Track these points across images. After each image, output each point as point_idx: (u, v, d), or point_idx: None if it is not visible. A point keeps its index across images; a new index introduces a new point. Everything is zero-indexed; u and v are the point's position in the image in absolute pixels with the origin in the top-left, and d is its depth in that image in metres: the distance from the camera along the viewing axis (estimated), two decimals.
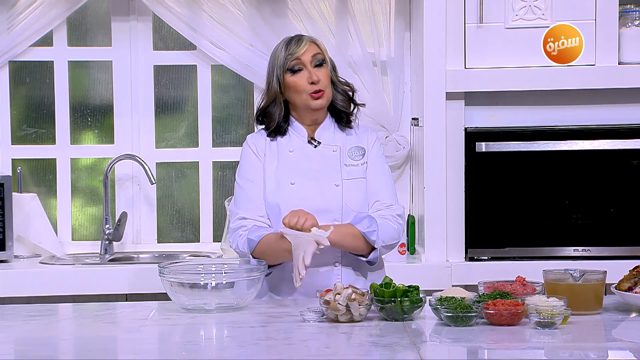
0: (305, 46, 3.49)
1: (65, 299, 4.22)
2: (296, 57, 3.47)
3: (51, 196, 4.84)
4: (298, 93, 3.49)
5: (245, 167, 3.56)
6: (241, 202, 3.51)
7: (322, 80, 3.48)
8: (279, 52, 3.51)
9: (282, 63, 3.49)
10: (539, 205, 4.39)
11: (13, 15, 4.67)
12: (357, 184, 3.51)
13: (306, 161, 3.52)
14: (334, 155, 3.54)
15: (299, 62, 3.48)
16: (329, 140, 3.56)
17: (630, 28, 4.40)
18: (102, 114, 4.87)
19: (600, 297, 3.19)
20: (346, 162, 3.54)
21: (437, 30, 4.37)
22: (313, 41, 3.52)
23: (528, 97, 4.43)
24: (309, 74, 3.47)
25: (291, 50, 3.48)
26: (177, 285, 3.22)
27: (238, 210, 3.50)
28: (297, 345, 2.83)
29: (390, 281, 3.13)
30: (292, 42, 3.51)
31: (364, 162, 3.55)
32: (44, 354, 2.81)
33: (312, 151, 3.55)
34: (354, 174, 3.53)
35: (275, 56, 3.53)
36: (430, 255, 4.40)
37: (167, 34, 4.85)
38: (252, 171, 3.53)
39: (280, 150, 3.54)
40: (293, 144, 3.55)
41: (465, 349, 2.83)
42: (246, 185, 3.52)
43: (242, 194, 3.52)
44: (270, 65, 3.54)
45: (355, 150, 3.56)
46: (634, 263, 3.44)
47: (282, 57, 3.49)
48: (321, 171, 3.51)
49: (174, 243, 4.88)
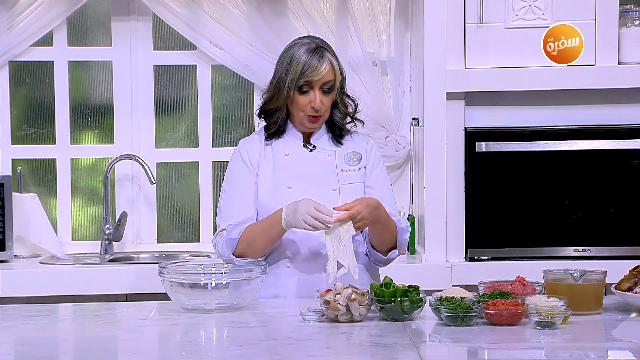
0: (323, 72, 3.42)
1: (65, 299, 4.22)
2: (310, 79, 3.43)
3: (51, 196, 4.84)
4: (297, 109, 3.48)
5: (233, 175, 3.53)
6: (224, 214, 3.50)
7: (324, 106, 3.47)
8: (299, 59, 3.43)
9: (296, 78, 3.43)
10: (538, 205, 4.39)
11: (13, 15, 4.67)
12: (354, 188, 3.50)
13: (303, 165, 3.51)
14: (330, 159, 3.53)
15: (309, 84, 3.45)
16: (324, 145, 3.56)
17: (630, 28, 4.40)
18: (102, 114, 4.87)
19: (600, 297, 3.19)
20: (342, 167, 3.53)
21: (437, 30, 4.37)
22: (332, 64, 3.45)
23: (528, 97, 4.43)
24: (314, 98, 3.44)
25: (308, 71, 3.41)
26: (177, 285, 3.22)
27: (220, 222, 3.51)
28: (297, 345, 2.83)
29: (390, 281, 3.13)
30: (314, 57, 3.43)
31: (360, 167, 3.55)
32: (44, 354, 2.81)
33: (308, 155, 3.54)
34: (350, 178, 3.52)
35: (292, 60, 3.45)
36: (430, 255, 4.40)
37: (167, 34, 4.85)
38: (240, 181, 3.50)
39: (275, 154, 3.53)
40: (288, 148, 3.54)
41: (465, 349, 2.83)
42: (232, 195, 3.50)
43: (226, 205, 3.50)
44: (285, 65, 3.46)
45: (351, 156, 3.56)
46: (634, 263, 3.44)
47: (298, 71, 3.42)
48: (318, 175, 3.50)
49: (174, 243, 4.88)
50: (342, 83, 3.52)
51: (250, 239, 3.40)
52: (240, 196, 3.49)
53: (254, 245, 3.40)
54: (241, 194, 3.49)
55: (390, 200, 3.57)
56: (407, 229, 3.53)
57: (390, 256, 3.52)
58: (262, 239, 3.40)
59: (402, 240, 3.51)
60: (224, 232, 3.46)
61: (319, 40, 3.50)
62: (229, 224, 3.46)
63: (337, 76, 3.47)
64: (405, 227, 3.52)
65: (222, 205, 3.53)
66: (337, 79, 3.48)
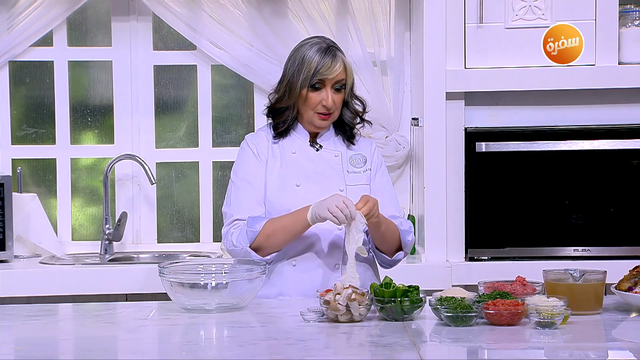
0: (337, 71, 3.45)
1: (65, 299, 4.22)
2: (324, 77, 3.45)
3: (51, 196, 4.85)
4: (308, 107, 3.49)
5: (244, 167, 3.54)
6: (236, 204, 3.50)
7: (335, 104, 3.49)
8: (311, 58, 3.45)
9: (310, 76, 3.44)
10: (539, 205, 4.39)
11: (13, 15, 4.68)
12: (361, 190, 3.51)
13: (310, 164, 3.53)
14: (336, 160, 3.55)
15: (322, 82, 3.46)
16: (330, 145, 3.58)
17: (630, 28, 4.40)
18: (102, 114, 4.87)
19: (600, 297, 3.19)
20: (348, 169, 3.56)
21: (437, 30, 4.37)
22: (344, 64, 3.48)
23: (528, 97, 4.43)
24: (326, 96, 3.46)
25: (322, 69, 3.44)
26: (177, 285, 3.22)
27: (232, 212, 3.49)
28: (297, 345, 2.83)
29: (390, 281, 3.13)
30: (327, 56, 3.46)
31: (366, 169, 3.58)
32: (44, 354, 2.81)
33: (315, 154, 3.55)
34: (357, 180, 3.55)
35: (304, 59, 3.46)
36: (430, 255, 4.40)
37: (167, 34, 4.85)
38: (251, 173, 3.52)
39: (282, 152, 3.54)
40: (295, 146, 3.55)
41: (465, 349, 2.83)
42: (243, 186, 3.51)
43: (238, 195, 3.51)
44: (297, 64, 3.48)
45: (356, 158, 3.58)
46: (634, 263, 3.44)
47: (312, 70, 3.44)
48: (325, 174, 3.52)
49: (174, 243, 4.88)
50: (352, 83, 3.55)
51: (271, 232, 3.41)
52: (253, 189, 3.49)
53: (274, 238, 3.41)
54: (253, 187, 3.50)
55: (394, 201, 3.60)
56: (409, 230, 3.54)
57: (397, 257, 3.54)
58: (285, 234, 3.41)
59: (407, 241, 3.53)
60: (241, 223, 3.45)
61: (329, 41, 3.53)
62: (249, 215, 3.45)
63: (348, 76, 3.51)
64: (407, 229, 3.54)
65: (232, 195, 3.52)
66: (348, 78, 3.51)
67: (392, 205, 3.57)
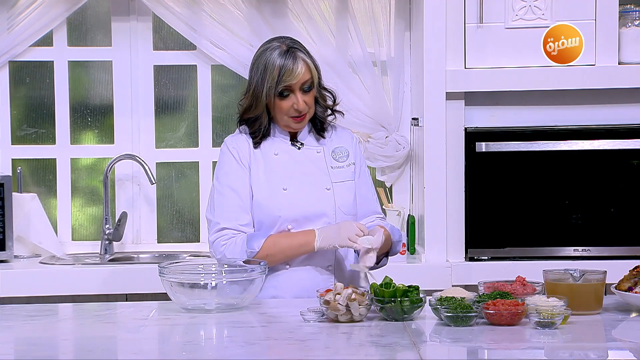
0: (300, 74, 3.41)
1: (65, 299, 4.23)
2: (288, 84, 3.42)
3: (51, 196, 4.85)
4: (281, 113, 3.47)
5: (227, 172, 3.50)
6: (220, 212, 3.47)
7: (307, 105, 3.46)
8: (273, 65, 3.41)
9: (274, 84, 3.41)
10: (539, 205, 4.39)
11: (13, 15, 4.67)
12: (347, 187, 3.53)
13: (294, 164, 3.51)
14: (319, 156, 3.54)
15: (289, 88, 3.43)
16: (311, 141, 3.56)
17: (630, 28, 4.40)
18: (102, 114, 4.87)
19: (600, 297, 3.19)
20: (332, 164, 3.54)
21: (437, 30, 4.37)
22: (306, 63, 3.44)
23: (528, 97, 4.43)
24: (296, 100, 3.43)
25: (284, 76, 3.40)
26: (177, 285, 3.22)
27: (218, 220, 3.46)
28: (297, 345, 2.83)
29: (390, 281, 3.13)
30: (288, 60, 3.41)
31: (349, 163, 3.57)
32: (44, 354, 2.81)
33: (297, 153, 3.53)
34: (342, 176, 3.54)
35: (267, 67, 3.42)
36: (430, 255, 4.40)
37: (167, 34, 4.85)
38: (234, 179, 3.49)
39: (264, 154, 3.51)
40: (276, 147, 3.53)
41: (465, 349, 2.83)
42: (227, 193, 3.47)
43: (222, 202, 3.47)
44: (260, 73, 3.43)
45: (339, 151, 3.57)
46: (634, 263, 3.44)
47: (275, 77, 3.40)
48: (310, 174, 3.51)
49: (174, 243, 4.88)
50: (319, 78, 3.51)
51: (272, 252, 3.42)
52: (237, 196, 3.47)
53: (274, 257, 3.42)
54: (237, 194, 3.47)
55: (375, 198, 3.64)
56: (400, 240, 3.57)
57: (382, 264, 3.55)
58: (286, 256, 3.44)
59: (395, 250, 3.57)
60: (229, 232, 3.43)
61: (288, 41, 3.48)
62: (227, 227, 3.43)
63: (313, 73, 3.46)
64: (398, 239, 3.56)
65: (216, 202, 3.49)
66: (314, 76, 3.47)
67: (373, 201, 3.62)
